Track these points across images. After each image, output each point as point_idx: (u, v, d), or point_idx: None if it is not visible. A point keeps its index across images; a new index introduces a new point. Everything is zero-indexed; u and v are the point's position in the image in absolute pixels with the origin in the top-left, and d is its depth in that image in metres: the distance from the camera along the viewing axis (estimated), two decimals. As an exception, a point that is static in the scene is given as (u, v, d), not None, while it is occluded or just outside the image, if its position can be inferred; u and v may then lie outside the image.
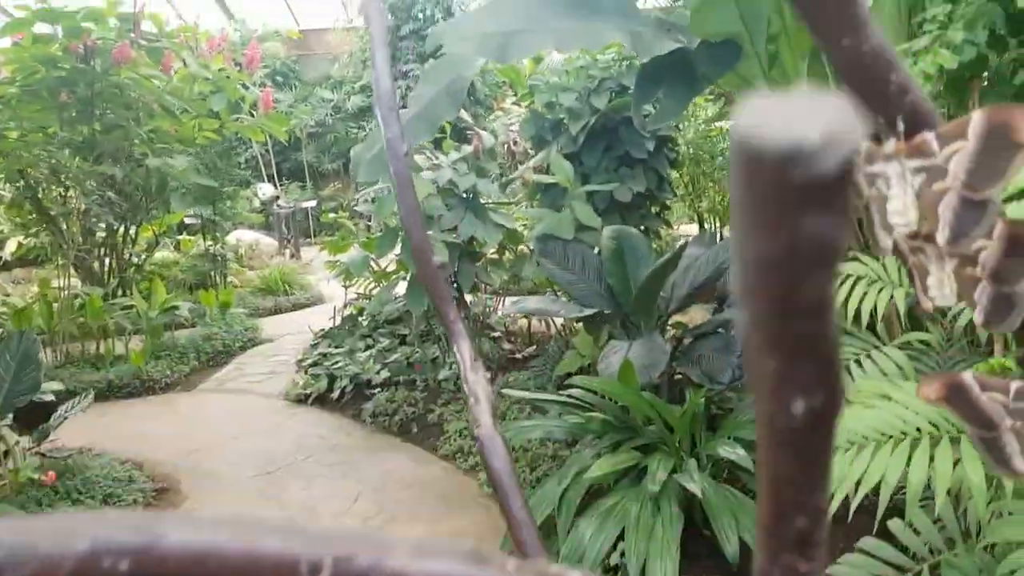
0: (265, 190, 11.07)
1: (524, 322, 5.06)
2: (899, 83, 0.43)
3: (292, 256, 8.90)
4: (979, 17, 1.73)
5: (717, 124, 5.95)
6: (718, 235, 7.55)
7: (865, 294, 1.70)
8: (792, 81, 2.82)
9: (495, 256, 4.88)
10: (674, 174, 6.95)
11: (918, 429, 1.38)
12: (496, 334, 4.82)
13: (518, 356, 4.59)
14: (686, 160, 6.36)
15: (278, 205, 9.34)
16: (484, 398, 0.84)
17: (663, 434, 2.68)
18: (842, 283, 1.74)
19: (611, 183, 4.21)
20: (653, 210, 4.65)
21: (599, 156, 4.33)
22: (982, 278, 0.44)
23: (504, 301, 5.62)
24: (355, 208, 4.64)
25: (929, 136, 0.43)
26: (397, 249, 3.94)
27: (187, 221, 7.56)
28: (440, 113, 2.48)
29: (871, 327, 1.84)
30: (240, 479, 3.59)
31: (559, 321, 4.56)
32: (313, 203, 10.77)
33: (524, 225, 4.70)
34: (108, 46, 5.57)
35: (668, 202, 4.88)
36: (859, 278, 1.76)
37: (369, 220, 6.14)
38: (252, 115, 6.75)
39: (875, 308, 1.67)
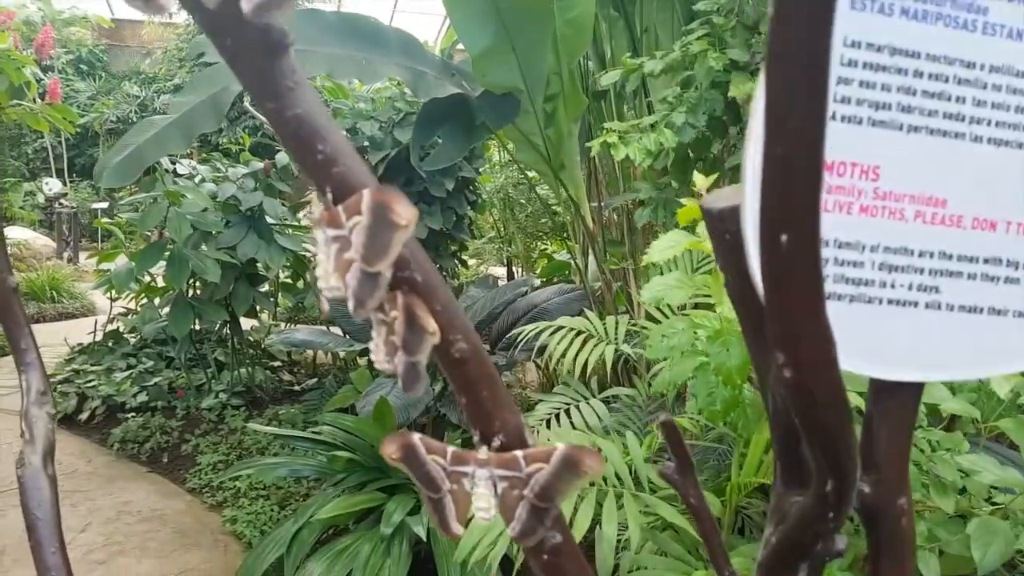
0: (52, 185, 10.02)
1: (310, 352, 4.85)
2: (327, 154, 0.43)
3: (69, 260, 8.03)
4: (701, 102, 1.89)
5: (531, 174, 6.16)
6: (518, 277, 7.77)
7: (581, 348, 1.78)
8: (564, 140, 2.96)
9: (288, 281, 4.68)
10: (489, 219, 7.10)
11: (603, 481, 1.43)
12: (276, 364, 4.59)
13: (296, 388, 4.38)
14: (495, 204, 6.51)
15: (60, 203, 8.43)
16: (41, 437, 0.75)
17: (414, 475, 2.63)
18: (563, 336, 1.81)
19: (406, 219, 4.18)
20: (451, 249, 4.68)
21: (397, 189, 4.30)
22: (399, 347, 0.45)
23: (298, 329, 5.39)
24: (119, 214, 4.26)
25: (339, 210, 0.43)
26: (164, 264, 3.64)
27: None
28: (198, 124, 2.33)
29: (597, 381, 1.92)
30: (-54, 506, 3.12)
31: (342, 353, 4.42)
32: (105, 205, 9.85)
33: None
34: None
35: (465, 242, 4.92)
36: (580, 333, 1.85)
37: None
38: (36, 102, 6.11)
39: (587, 362, 1.76)
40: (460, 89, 2.74)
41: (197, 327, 3.98)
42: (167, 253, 3.56)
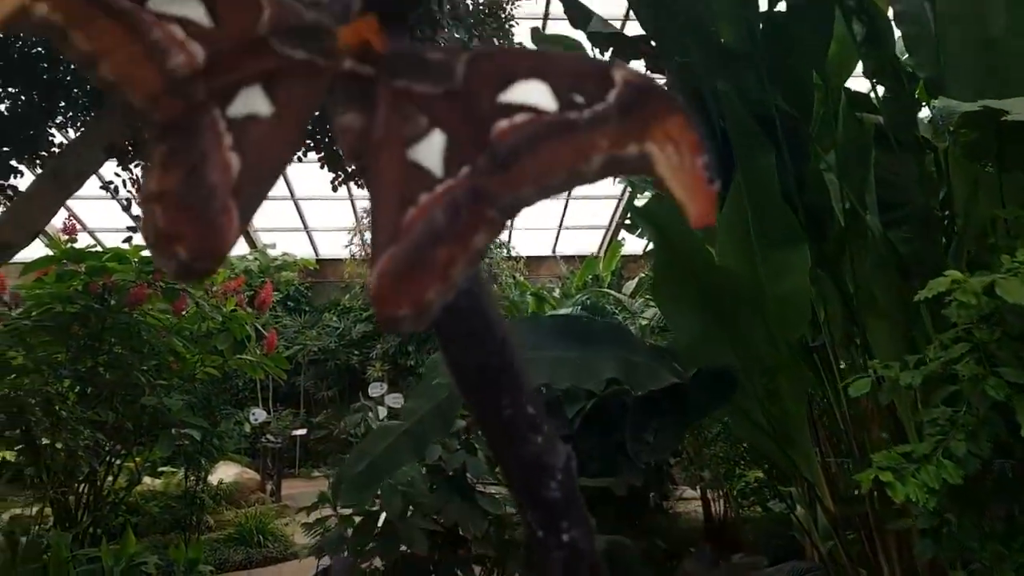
0: (258, 415, 10.93)
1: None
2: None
3: (272, 494, 8.52)
4: (982, 427, 1.68)
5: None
6: (722, 512, 7.22)
7: None
8: (790, 417, 2.77)
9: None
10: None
11: None
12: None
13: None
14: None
15: (267, 438, 9.15)
16: None
17: None
18: None
19: (604, 474, 4.06)
20: (652, 501, 4.43)
21: (594, 442, 4.21)
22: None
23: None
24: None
25: None
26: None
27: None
28: (429, 434, 2.41)
29: None
30: None
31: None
32: (303, 431, 10.58)
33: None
34: (126, 286, 5.74)
35: (669, 493, 4.68)
36: None
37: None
38: (258, 350, 6.88)
39: None
40: (672, 372, 2.69)
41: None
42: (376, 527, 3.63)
